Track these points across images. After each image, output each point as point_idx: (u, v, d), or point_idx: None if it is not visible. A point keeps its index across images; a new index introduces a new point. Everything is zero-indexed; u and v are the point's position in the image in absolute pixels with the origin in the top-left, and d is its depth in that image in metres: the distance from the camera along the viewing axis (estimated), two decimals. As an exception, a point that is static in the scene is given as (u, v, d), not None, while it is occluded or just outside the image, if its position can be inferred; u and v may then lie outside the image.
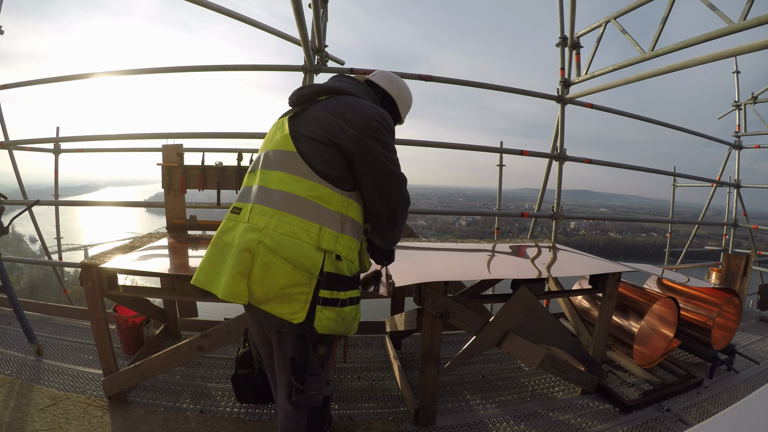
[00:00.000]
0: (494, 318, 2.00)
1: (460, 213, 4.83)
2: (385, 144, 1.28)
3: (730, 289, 2.81)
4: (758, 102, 6.00)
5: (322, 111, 1.28)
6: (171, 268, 2.03)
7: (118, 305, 2.58)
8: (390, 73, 1.59)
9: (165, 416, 1.97)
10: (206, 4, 3.41)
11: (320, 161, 1.22)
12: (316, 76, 3.45)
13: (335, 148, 1.23)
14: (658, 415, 2.16)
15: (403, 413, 2.12)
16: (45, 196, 4.15)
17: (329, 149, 1.23)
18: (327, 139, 1.23)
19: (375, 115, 1.28)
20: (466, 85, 4.01)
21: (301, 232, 1.18)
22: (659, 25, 3.05)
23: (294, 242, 1.17)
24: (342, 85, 1.38)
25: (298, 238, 1.18)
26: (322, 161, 1.22)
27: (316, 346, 1.25)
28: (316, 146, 1.23)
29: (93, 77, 4.04)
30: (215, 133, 3.70)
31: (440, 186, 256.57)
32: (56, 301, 5.43)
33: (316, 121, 1.26)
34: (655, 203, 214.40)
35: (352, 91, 1.38)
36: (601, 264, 2.38)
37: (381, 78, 1.56)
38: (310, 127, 1.26)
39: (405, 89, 1.59)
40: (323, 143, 1.23)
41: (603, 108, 4.32)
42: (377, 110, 1.31)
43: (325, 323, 1.19)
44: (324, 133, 1.23)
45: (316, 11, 3.11)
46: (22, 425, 1.84)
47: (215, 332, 1.93)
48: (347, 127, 1.24)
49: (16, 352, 2.54)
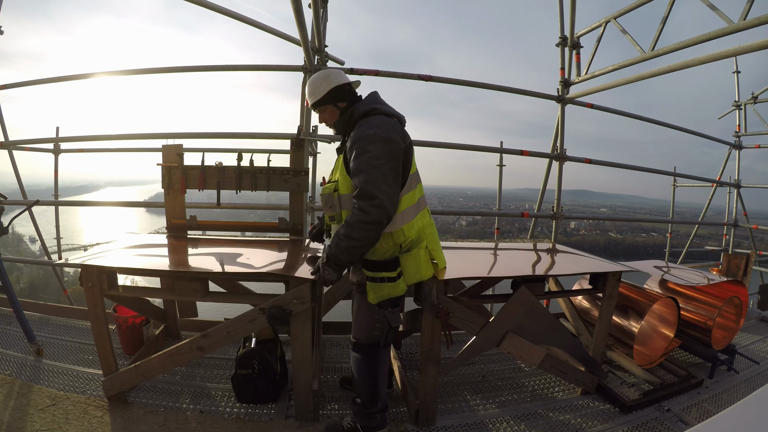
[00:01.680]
0: (494, 318, 2.00)
1: (460, 213, 4.83)
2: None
3: (740, 281, 2.79)
4: (758, 102, 5.99)
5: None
6: (171, 267, 2.03)
7: (118, 305, 2.58)
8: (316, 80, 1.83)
9: (165, 416, 1.97)
10: (207, 4, 3.41)
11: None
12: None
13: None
14: (658, 415, 2.16)
15: (403, 413, 2.12)
16: (45, 196, 4.15)
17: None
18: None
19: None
20: (466, 85, 4.01)
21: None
22: (659, 25, 3.05)
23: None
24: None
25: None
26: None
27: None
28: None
29: (93, 77, 4.04)
30: (215, 133, 3.70)
31: (440, 186, 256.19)
32: (56, 301, 5.43)
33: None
34: (656, 203, 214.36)
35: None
36: (601, 264, 2.38)
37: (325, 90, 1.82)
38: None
39: (318, 80, 1.83)
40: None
41: (603, 108, 4.32)
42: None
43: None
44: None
45: (316, 11, 3.10)
46: (22, 425, 1.84)
47: (215, 332, 1.93)
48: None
49: (15, 352, 2.54)
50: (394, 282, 1.74)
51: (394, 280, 1.74)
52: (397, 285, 1.74)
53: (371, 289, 1.75)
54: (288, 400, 2.15)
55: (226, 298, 2.08)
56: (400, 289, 1.76)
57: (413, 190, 1.77)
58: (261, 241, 2.63)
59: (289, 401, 2.13)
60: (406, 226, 1.74)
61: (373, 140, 1.61)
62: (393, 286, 1.74)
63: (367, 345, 1.88)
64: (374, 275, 1.74)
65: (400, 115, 1.82)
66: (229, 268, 2.02)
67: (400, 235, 1.73)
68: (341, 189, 1.72)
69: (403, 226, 1.73)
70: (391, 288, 1.75)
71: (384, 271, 1.73)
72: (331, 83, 1.79)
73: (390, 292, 1.75)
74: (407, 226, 1.74)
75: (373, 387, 1.88)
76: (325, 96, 1.80)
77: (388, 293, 1.75)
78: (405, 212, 1.74)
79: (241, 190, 2.53)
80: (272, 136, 3.62)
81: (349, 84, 1.82)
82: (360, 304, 1.88)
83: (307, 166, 2.63)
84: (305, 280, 1.82)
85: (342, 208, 1.73)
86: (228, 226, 2.75)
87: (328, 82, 1.79)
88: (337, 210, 1.74)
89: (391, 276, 1.74)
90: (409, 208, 1.75)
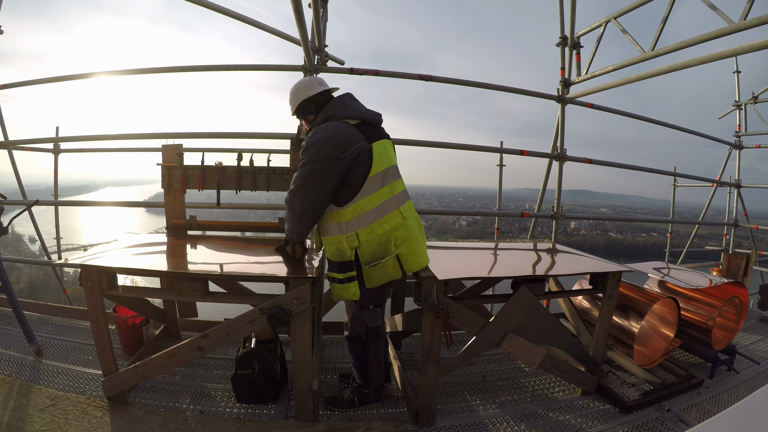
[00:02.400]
0: (494, 318, 2.00)
1: (460, 213, 4.83)
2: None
3: (740, 282, 2.79)
4: (759, 102, 5.98)
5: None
6: (171, 267, 2.03)
7: (117, 305, 2.58)
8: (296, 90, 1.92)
9: (165, 417, 1.96)
10: (207, 3, 3.41)
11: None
12: (315, 76, 3.45)
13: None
14: (658, 415, 2.15)
15: (403, 413, 2.12)
16: (45, 196, 4.15)
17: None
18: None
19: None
20: (466, 84, 4.00)
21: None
22: (659, 25, 3.04)
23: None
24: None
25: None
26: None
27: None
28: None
29: (93, 77, 4.02)
30: (215, 133, 3.69)
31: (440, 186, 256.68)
32: (56, 301, 5.43)
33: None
34: (656, 203, 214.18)
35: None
36: (602, 264, 2.38)
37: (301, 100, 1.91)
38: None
39: (291, 95, 1.93)
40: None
41: (603, 108, 4.31)
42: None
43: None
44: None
45: (316, 11, 3.10)
46: (22, 425, 1.83)
47: (215, 332, 1.92)
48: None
49: (15, 352, 2.54)
50: (342, 284, 1.80)
51: (342, 282, 1.79)
52: (347, 288, 1.80)
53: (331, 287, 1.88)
54: (288, 400, 2.15)
55: (226, 299, 2.08)
56: (350, 294, 1.80)
57: (375, 193, 1.75)
58: (261, 241, 2.63)
59: (289, 401, 2.13)
60: (363, 231, 1.75)
61: (305, 148, 1.73)
62: (342, 288, 1.81)
63: (352, 338, 2.05)
64: (329, 274, 1.86)
65: (364, 115, 1.82)
66: (229, 269, 2.02)
67: (354, 239, 1.77)
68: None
69: (358, 230, 1.75)
70: (341, 290, 1.81)
71: (334, 271, 1.81)
72: (299, 98, 1.86)
73: (340, 293, 1.82)
74: (364, 230, 1.75)
75: (364, 373, 2.10)
76: (296, 110, 1.90)
77: (338, 294, 1.83)
78: (362, 216, 1.75)
79: (241, 190, 2.53)
80: (272, 136, 3.62)
81: (320, 93, 1.86)
82: (347, 301, 2.00)
83: (307, 166, 2.63)
84: (305, 280, 1.82)
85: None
86: (228, 226, 2.75)
87: (297, 97, 1.87)
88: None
89: (338, 278, 1.80)
90: (368, 212, 1.75)
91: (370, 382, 2.11)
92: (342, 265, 1.79)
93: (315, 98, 1.86)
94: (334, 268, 1.82)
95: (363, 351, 2.05)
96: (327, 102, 1.87)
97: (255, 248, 2.42)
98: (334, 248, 1.81)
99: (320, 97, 1.87)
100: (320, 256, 2.19)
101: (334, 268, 1.82)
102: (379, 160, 1.77)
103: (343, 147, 1.70)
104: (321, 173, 1.69)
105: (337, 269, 1.80)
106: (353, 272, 1.79)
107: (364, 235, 1.76)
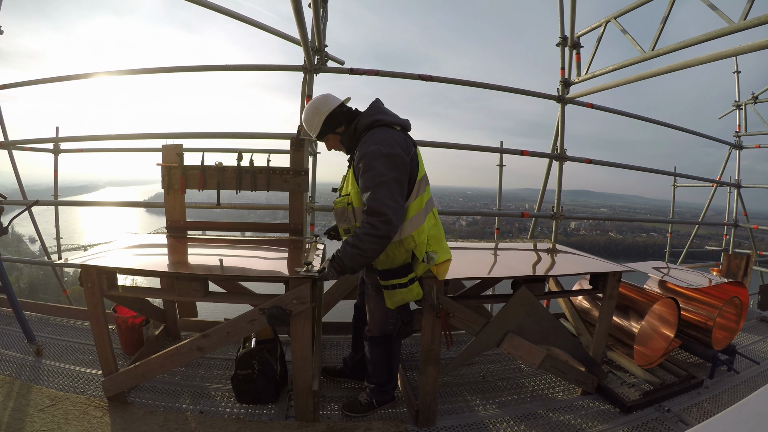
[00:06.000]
0: (494, 318, 2.00)
1: (460, 213, 4.82)
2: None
3: (740, 282, 2.79)
4: (759, 102, 5.98)
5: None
6: (171, 267, 2.03)
7: (117, 305, 2.58)
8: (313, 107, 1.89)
9: (165, 417, 1.96)
10: (208, 3, 3.41)
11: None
12: (315, 76, 3.45)
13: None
14: (658, 415, 2.15)
15: (403, 413, 2.12)
16: (44, 196, 4.15)
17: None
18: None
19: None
20: (466, 85, 4.00)
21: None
22: (660, 25, 3.04)
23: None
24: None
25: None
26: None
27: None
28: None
29: (93, 77, 4.03)
30: (215, 133, 3.70)
31: (440, 186, 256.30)
32: (56, 302, 5.43)
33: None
34: (656, 203, 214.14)
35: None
36: (602, 264, 2.38)
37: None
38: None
39: (310, 115, 1.89)
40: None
41: (603, 108, 4.31)
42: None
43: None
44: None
45: (316, 11, 3.10)
46: (22, 425, 1.84)
47: (215, 333, 1.92)
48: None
49: (15, 352, 2.54)
50: (406, 288, 1.80)
51: (406, 286, 1.80)
52: (411, 290, 1.81)
53: (386, 296, 1.84)
54: (288, 401, 2.14)
55: (226, 299, 2.08)
56: (414, 294, 1.82)
57: (421, 195, 1.79)
58: (261, 241, 2.63)
59: (289, 401, 2.13)
60: (416, 232, 1.77)
61: (376, 156, 1.65)
62: (406, 292, 1.81)
63: (381, 337, 2.01)
64: (386, 283, 1.81)
65: (404, 122, 1.84)
66: (229, 269, 2.02)
67: (410, 241, 1.77)
68: (355, 202, 1.77)
69: (412, 232, 1.76)
70: (405, 293, 1.82)
71: (395, 278, 1.79)
72: (322, 114, 1.84)
73: (404, 297, 1.83)
74: (417, 231, 1.77)
75: (389, 371, 2.08)
76: (322, 128, 1.86)
77: (402, 299, 1.83)
78: (414, 218, 1.76)
79: (241, 190, 2.53)
80: (272, 136, 3.62)
81: (340, 105, 1.85)
82: (375, 302, 1.96)
83: (307, 166, 2.63)
84: (305, 280, 1.82)
85: (357, 221, 1.79)
86: (228, 226, 2.75)
87: (319, 115, 1.84)
88: (352, 223, 1.80)
89: (402, 282, 1.80)
90: (418, 213, 1.77)
91: (393, 378, 2.12)
92: (402, 269, 1.79)
93: (338, 109, 1.85)
94: (391, 274, 1.79)
95: (389, 349, 2.03)
96: (350, 111, 1.88)
97: (255, 248, 2.42)
98: (387, 255, 1.78)
99: (343, 108, 1.87)
100: (320, 256, 2.19)
101: (392, 274, 1.79)
102: (421, 163, 1.84)
103: (407, 150, 1.74)
104: (403, 180, 1.70)
105: (397, 274, 1.79)
106: (413, 273, 1.81)
107: (417, 236, 1.78)
